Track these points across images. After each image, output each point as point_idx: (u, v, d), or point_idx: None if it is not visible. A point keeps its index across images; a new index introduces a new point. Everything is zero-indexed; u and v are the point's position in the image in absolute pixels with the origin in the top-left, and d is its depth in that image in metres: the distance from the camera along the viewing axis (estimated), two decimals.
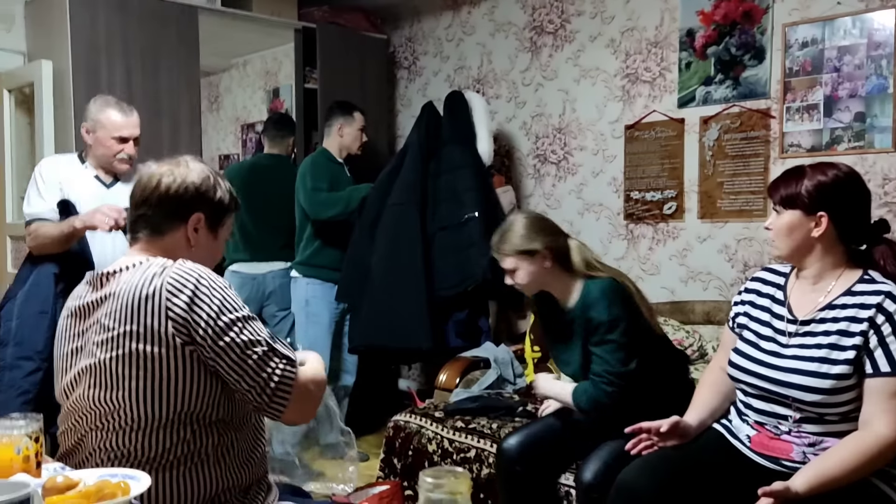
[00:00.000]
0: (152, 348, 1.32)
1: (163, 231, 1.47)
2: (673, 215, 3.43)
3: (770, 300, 1.86)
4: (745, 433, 1.84)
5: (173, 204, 1.47)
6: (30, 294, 2.48)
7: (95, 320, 1.39)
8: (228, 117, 5.33)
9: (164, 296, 1.33)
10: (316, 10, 4.09)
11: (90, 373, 1.38)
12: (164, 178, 1.47)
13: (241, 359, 1.35)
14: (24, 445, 1.13)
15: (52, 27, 3.26)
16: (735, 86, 3.20)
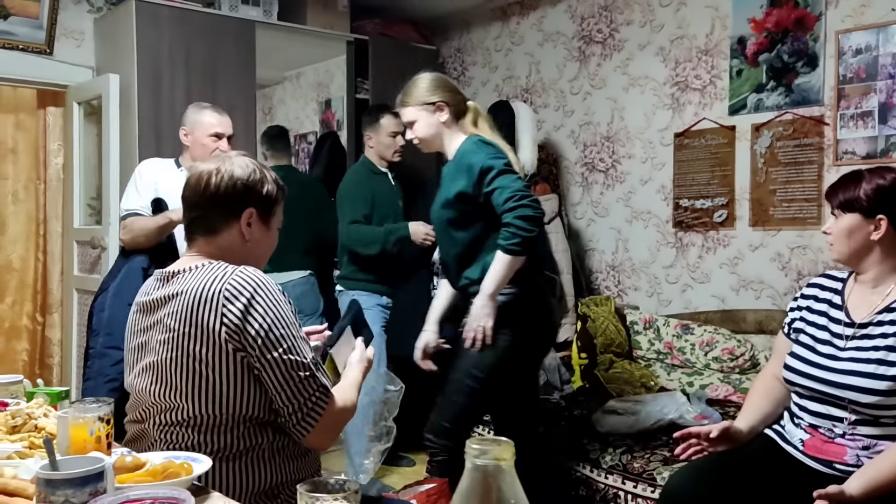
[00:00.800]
0: (205, 351, 1.37)
1: (217, 230, 1.50)
2: (724, 223, 3.40)
3: (828, 305, 1.86)
4: (798, 437, 1.83)
5: (224, 201, 1.49)
6: (121, 286, 2.60)
7: (158, 318, 1.45)
8: None
9: (221, 301, 1.37)
10: (368, 23, 4.19)
11: (152, 369, 1.44)
12: (211, 178, 1.49)
13: (284, 377, 1.39)
14: (96, 427, 1.20)
15: (119, 42, 3.42)
16: (787, 93, 3.17)
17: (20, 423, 1.31)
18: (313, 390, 1.41)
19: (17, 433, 1.30)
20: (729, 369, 3.11)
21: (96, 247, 3.41)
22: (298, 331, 1.43)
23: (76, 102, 3.63)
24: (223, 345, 1.36)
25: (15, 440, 1.27)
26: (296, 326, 1.43)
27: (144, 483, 1.12)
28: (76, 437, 1.20)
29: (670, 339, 3.27)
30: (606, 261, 3.90)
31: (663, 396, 2.80)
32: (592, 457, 2.50)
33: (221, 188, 1.48)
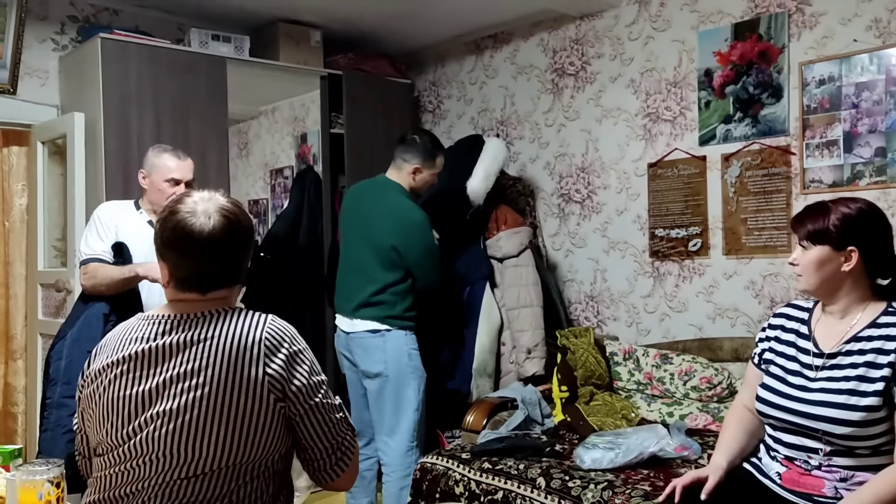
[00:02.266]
0: (244, 401, 1.34)
1: (240, 278, 1.50)
2: (698, 252, 3.40)
3: (795, 335, 1.86)
4: (775, 470, 1.82)
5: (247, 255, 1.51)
6: (80, 334, 2.55)
7: (181, 363, 1.36)
8: (258, 163, 5.43)
9: (263, 352, 1.36)
10: (341, 58, 4.19)
11: (169, 417, 1.34)
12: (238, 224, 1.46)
13: (322, 421, 1.42)
14: (45, 491, 1.15)
15: (85, 80, 3.38)
16: (755, 124, 3.21)
17: None
18: (345, 433, 1.47)
19: None
20: (707, 398, 3.10)
21: (61, 290, 3.33)
22: (321, 371, 1.47)
23: (40, 142, 3.56)
24: (265, 395, 1.35)
25: None
26: (320, 369, 1.47)
27: None
28: (25, 502, 1.14)
29: (650, 370, 3.25)
30: (585, 291, 3.89)
31: (644, 430, 2.76)
32: (574, 494, 2.45)
33: (247, 234, 1.47)
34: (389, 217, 3.08)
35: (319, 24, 4.04)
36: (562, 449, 2.85)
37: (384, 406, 3.05)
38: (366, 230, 3.12)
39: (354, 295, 3.12)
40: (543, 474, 2.59)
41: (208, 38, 3.68)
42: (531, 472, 2.62)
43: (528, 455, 2.77)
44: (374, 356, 3.03)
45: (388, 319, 3.07)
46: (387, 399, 3.04)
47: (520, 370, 3.56)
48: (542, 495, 2.53)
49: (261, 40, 3.93)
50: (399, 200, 3.11)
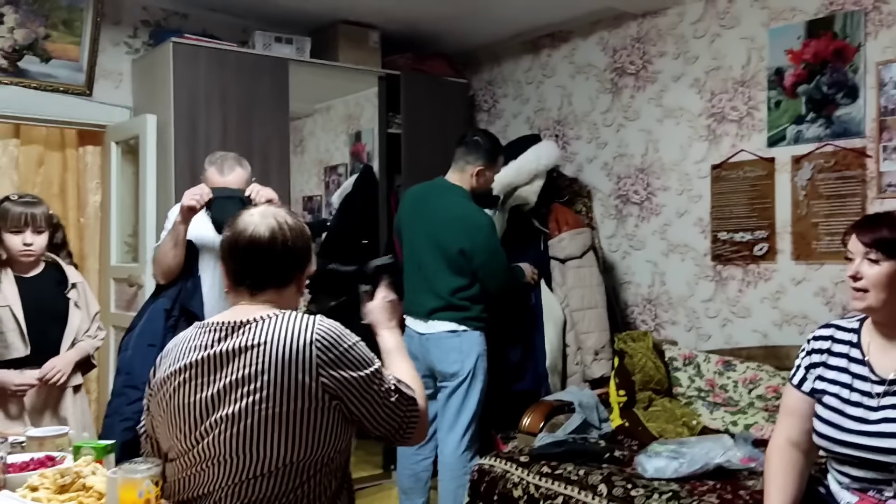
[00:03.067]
0: (300, 403, 1.39)
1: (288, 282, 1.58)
2: (764, 257, 3.33)
3: (846, 360, 1.74)
4: (845, 500, 1.73)
5: (297, 254, 1.58)
6: (143, 328, 2.63)
7: (237, 369, 1.41)
8: (312, 160, 5.52)
9: (315, 353, 1.41)
10: (399, 58, 4.21)
11: (231, 421, 1.39)
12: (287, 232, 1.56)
13: (380, 408, 1.48)
14: (145, 489, 1.18)
15: (157, 82, 3.47)
16: (828, 125, 3.12)
17: (69, 482, 1.30)
18: (405, 407, 1.52)
19: (66, 493, 1.29)
20: (774, 408, 3.02)
21: (133, 284, 3.43)
22: (373, 358, 1.52)
23: (114, 142, 3.68)
24: (320, 396, 1.40)
25: (64, 500, 1.26)
26: (371, 357, 1.51)
27: None
28: (125, 499, 1.18)
29: (712, 377, 3.20)
30: (643, 294, 3.84)
31: (708, 439, 2.72)
32: (638, 503, 2.43)
33: (298, 241, 1.56)
34: (456, 222, 3.08)
35: (378, 24, 4.08)
36: (622, 456, 2.82)
37: (450, 405, 3.08)
38: (431, 234, 3.13)
39: (426, 298, 3.13)
40: (605, 481, 2.57)
41: (272, 41, 3.74)
42: (592, 479, 2.61)
43: (587, 460, 2.75)
44: (450, 356, 3.07)
45: (467, 321, 3.10)
46: (455, 399, 3.07)
47: (587, 371, 3.55)
48: (603, 502, 2.51)
49: (321, 41, 3.98)
50: (464, 204, 3.12)
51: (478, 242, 3.06)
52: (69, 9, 3.40)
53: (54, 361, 2.65)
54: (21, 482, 1.36)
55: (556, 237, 3.64)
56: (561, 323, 3.57)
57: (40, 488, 1.29)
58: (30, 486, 1.31)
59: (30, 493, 1.28)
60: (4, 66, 3.32)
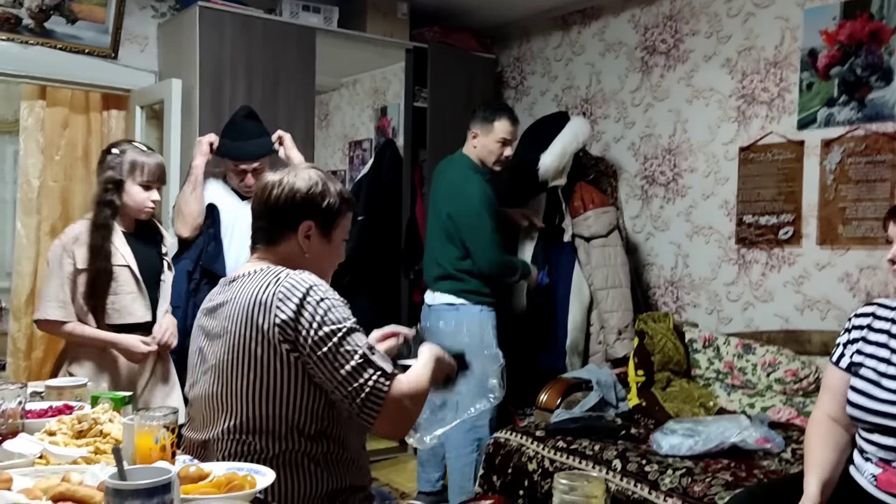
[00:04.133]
0: (261, 351, 1.39)
1: (277, 240, 1.53)
2: (789, 241, 3.28)
3: (887, 335, 1.75)
4: (869, 472, 1.74)
5: (282, 213, 1.52)
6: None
7: (218, 321, 1.48)
8: (337, 134, 5.51)
9: (275, 303, 1.39)
10: (427, 31, 4.17)
11: (211, 371, 1.46)
12: (273, 190, 1.52)
13: (336, 368, 1.39)
14: (161, 435, 1.19)
15: (182, 47, 3.47)
16: (860, 108, 3.05)
17: (86, 427, 1.32)
18: (370, 374, 1.40)
19: (83, 438, 1.30)
20: (792, 392, 3.00)
21: None
22: (352, 324, 1.44)
23: (139, 106, 3.69)
24: (277, 346, 1.38)
25: (81, 445, 1.27)
26: (350, 321, 1.44)
27: (209, 495, 1.10)
28: (141, 445, 1.19)
29: (731, 359, 3.17)
30: (665, 276, 3.81)
31: (724, 419, 2.71)
32: (651, 479, 2.42)
33: (281, 199, 1.51)
34: (449, 187, 3.21)
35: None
36: (637, 433, 2.81)
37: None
38: (434, 201, 3.29)
39: (431, 266, 3.26)
40: (619, 457, 2.57)
41: (299, 9, 3.72)
42: (607, 454, 2.61)
43: (602, 437, 2.75)
44: (447, 329, 3.06)
45: (465, 293, 3.11)
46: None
47: (609, 351, 3.54)
48: (617, 477, 2.51)
49: (349, 12, 3.95)
50: (461, 171, 3.22)
51: (461, 208, 3.13)
52: None
53: (164, 323, 2.44)
54: (39, 427, 1.38)
55: (581, 215, 3.61)
56: (587, 303, 3.57)
57: (58, 433, 1.31)
58: (48, 431, 1.33)
59: (47, 437, 1.30)
60: (31, 25, 3.34)
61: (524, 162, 3.58)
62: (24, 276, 3.74)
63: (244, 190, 2.91)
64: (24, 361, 3.66)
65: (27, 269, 3.75)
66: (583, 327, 3.58)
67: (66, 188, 3.84)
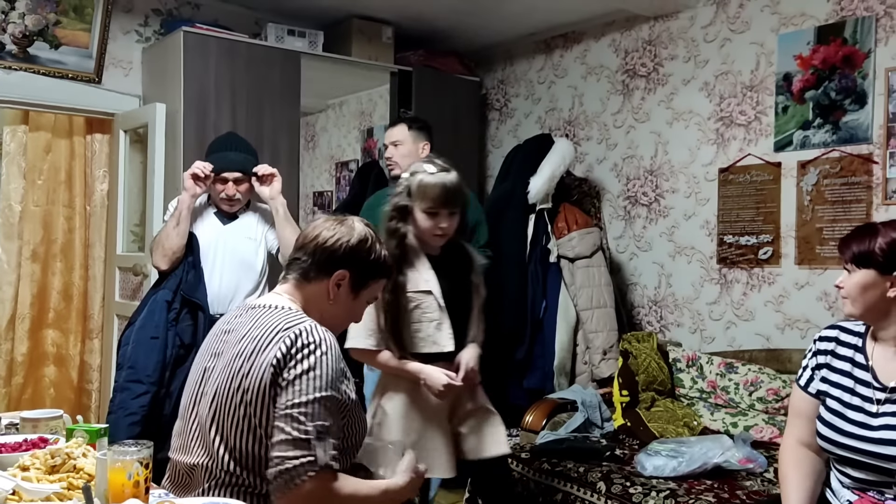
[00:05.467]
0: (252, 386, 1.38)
1: (309, 278, 1.55)
2: (769, 260, 3.32)
3: (850, 364, 1.75)
4: (846, 498, 1.74)
5: (325, 256, 1.54)
6: (145, 321, 2.65)
7: (227, 346, 1.47)
8: (323, 155, 5.54)
9: (279, 344, 1.39)
10: (412, 54, 4.21)
11: (211, 394, 1.44)
12: (324, 232, 1.56)
13: (280, 427, 1.35)
14: (135, 471, 1.19)
15: (167, 71, 3.49)
16: (835, 130, 3.10)
17: (59, 462, 1.31)
18: (299, 455, 1.34)
19: (56, 473, 1.30)
20: (774, 410, 3.02)
21: (138, 274, 3.45)
22: (331, 397, 1.40)
23: (122, 130, 3.70)
24: (267, 386, 1.37)
25: (54, 480, 1.27)
26: (329, 392, 1.39)
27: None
28: (114, 481, 1.19)
29: (714, 378, 3.19)
30: (649, 296, 3.83)
31: (708, 439, 2.72)
32: (635, 501, 2.43)
33: (328, 243, 1.55)
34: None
35: (391, 20, 4.08)
36: (622, 454, 2.82)
37: None
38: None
39: None
40: (604, 479, 2.57)
41: (284, 33, 3.75)
42: (591, 476, 2.61)
43: (587, 458, 2.76)
44: None
45: None
46: None
47: (595, 371, 3.56)
48: (601, 500, 2.52)
49: (334, 36, 3.98)
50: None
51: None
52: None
53: (469, 360, 2.23)
54: (13, 462, 1.37)
55: (565, 236, 3.65)
56: (573, 323, 3.59)
57: (31, 468, 1.30)
58: (21, 466, 1.32)
59: (20, 472, 1.29)
60: (14, 51, 3.34)
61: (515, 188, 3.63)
62: (5, 301, 3.72)
63: (226, 204, 2.84)
64: (4, 388, 3.63)
65: (8, 294, 3.73)
66: (569, 348, 3.60)
67: (48, 212, 3.84)
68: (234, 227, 2.87)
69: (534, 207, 3.67)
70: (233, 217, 2.89)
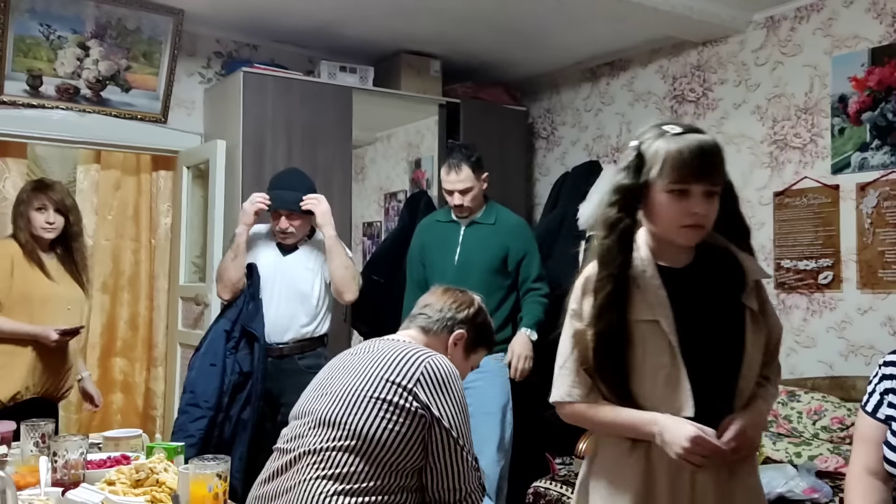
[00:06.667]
0: (394, 397, 1.49)
1: (431, 332, 1.72)
2: (829, 285, 3.26)
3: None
4: None
5: (448, 315, 1.73)
6: (207, 348, 2.75)
7: (363, 359, 1.59)
8: (373, 186, 5.65)
9: (425, 369, 1.52)
10: (459, 87, 4.30)
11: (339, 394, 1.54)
12: (449, 295, 1.77)
13: (452, 459, 1.51)
14: (214, 483, 1.24)
15: (227, 110, 3.64)
16: (894, 152, 3.06)
17: (143, 477, 1.37)
18: (475, 486, 1.54)
19: (140, 487, 1.36)
20: (839, 440, 2.94)
21: (199, 303, 3.56)
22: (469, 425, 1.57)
23: (185, 166, 3.85)
24: (411, 403, 1.48)
25: (139, 493, 1.33)
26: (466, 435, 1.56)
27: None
28: (196, 493, 1.24)
29: (776, 407, 3.12)
30: None
31: (771, 468, 2.66)
32: None
33: (452, 305, 1.75)
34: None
35: (439, 54, 4.18)
36: None
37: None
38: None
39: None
40: None
41: (336, 70, 3.88)
42: None
43: None
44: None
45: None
46: None
47: None
48: None
49: (384, 70, 4.10)
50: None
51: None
52: (149, 42, 3.60)
53: (742, 424, 1.47)
54: (99, 477, 1.44)
55: None
56: None
57: (117, 483, 1.36)
58: (107, 481, 1.39)
59: (107, 486, 1.36)
60: (89, 95, 3.53)
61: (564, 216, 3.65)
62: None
63: (280, 237, 2.94)
64: (76, 414, 3.76)
65: None
66: None
67: (116, 246, 4.01)
68: (292, 258, 2.96)
69: (584, 234, 3.69)
70: (293, 248, 2.97)
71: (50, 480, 1.44)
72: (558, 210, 3.78)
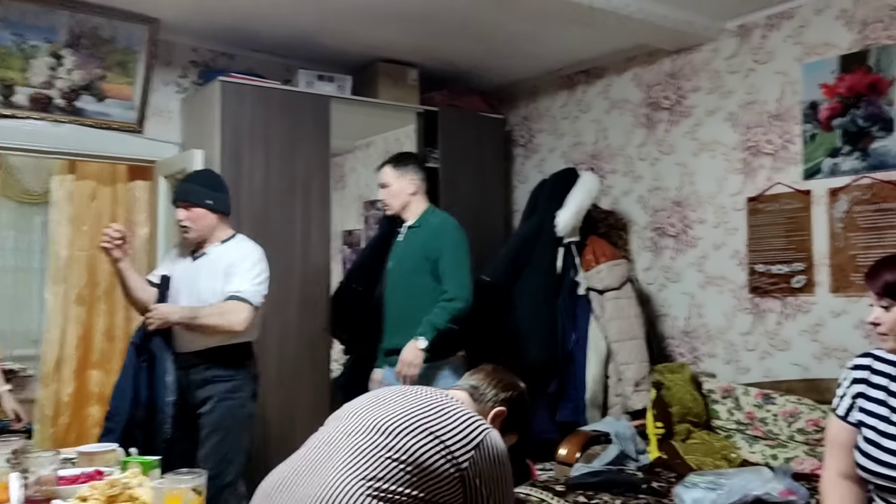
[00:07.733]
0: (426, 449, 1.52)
1: (480, 399, 1.81)
2: (802, 289, 3.30)
3: (885, 392, 1.73)
4: None
5: (496, 390, 1.83)
6: (125, 363, 2.81)
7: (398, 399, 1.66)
8: (352, 195, 5.64)
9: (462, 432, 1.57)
10: (437, 94, 4.32)
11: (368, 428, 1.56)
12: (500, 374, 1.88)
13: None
14: (189, 498, 1.24)
15: (204, 119, 3.62)
16: (864, 157, 3.11)
17: (117, 492, 1.36)
18: None
19: (114, 502, 1.35)
20: (815, 442, 2.98)
21: None
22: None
23: (162, 176, 3.83)
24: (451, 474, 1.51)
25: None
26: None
27: None
28: None
29: (751, 409, 3.16)
30: (679, 326, 3.83)
31: (747, 471, 2.69)
32: None
33: (501, 382, 1.85)
34: None
35: (416, 62, 4.20)
36: (659, 487, 2.80)
37: None
38: None
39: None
40: None
41: (314, 79, 3.88)
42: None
43: (624, 491, 2.74)
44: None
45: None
46: None
47: (627, 403, 3.55)
48: None
49: (362, 79, 4.10)
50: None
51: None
52: (124, 51, 3.57)
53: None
54: (72, 493, 1.43)
55: (593, 269, 3.68)
56: (604, 355, 3.60)
57: (90, 499, 1.35)
58: (80, 497, 1.38)
59: (80, 502, 1.35)
60: (63, 105, 3.50)
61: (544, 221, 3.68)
62: (53, 343, 3.84)
63: (181, 230, 2.88)
64: (52, 428, 3.72)
65: (55, 337, 3.84)
66: (601, 380, 3.60)
67: (92, 256, 3.97)
68: (197, 263, 2.89)
69: (561, 241, 3.72)
70: (200, 254, 2.90)
71: (22, 497, 1.43)
72: (536, 217, 3.80)
